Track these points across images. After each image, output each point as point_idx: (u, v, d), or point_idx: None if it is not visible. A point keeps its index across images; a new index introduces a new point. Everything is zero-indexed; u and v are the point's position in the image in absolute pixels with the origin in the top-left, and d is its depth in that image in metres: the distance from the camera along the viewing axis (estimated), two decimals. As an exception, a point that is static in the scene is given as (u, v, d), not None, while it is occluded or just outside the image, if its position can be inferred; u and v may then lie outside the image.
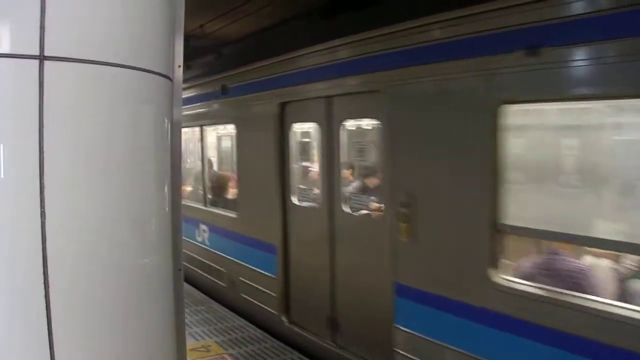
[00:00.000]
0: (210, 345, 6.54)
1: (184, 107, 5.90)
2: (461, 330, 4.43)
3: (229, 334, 6.91)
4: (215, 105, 8.63)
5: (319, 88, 6.05)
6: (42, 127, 1.68)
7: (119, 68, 1.83)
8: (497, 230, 4.11)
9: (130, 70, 1.87)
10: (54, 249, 1.72)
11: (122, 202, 1.90)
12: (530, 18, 3.84)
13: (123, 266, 1.93)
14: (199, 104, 9.03)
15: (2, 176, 1.70)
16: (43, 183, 1.69)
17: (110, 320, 1.90)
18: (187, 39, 9.87)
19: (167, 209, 2.15)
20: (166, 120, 2.11)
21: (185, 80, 5.99)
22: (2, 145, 1.69)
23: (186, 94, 8.03)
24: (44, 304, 1.72)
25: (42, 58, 1.67)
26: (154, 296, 2.10)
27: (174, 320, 2.28)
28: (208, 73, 9.02)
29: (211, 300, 8.35)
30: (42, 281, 1.71)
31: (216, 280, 8.59)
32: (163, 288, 2.16)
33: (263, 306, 7.17)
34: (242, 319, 7.47)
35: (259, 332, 6.97)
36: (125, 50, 1.88)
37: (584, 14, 3.61)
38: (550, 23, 3.75)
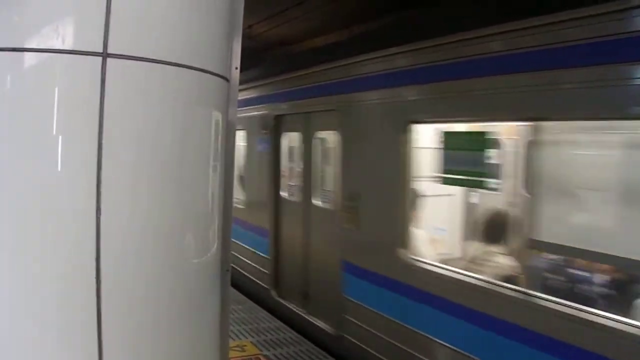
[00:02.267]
0: (245, 345, 6.55)
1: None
2: None
3: (265, 335, 6.92)
4: None
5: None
6: (102, 123, 1.69)
7: (178, 67, 1.84)
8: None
9: (189, 70, 1.88)
10: (108, 244, 1.73)
11: (175, 201, 1.91)
12: None
13: (174, 265, 1.93)
14: None
15: (59, 169, 1.72)
16: (100, 179, 1.70)
17: (159, 318, 1.90)
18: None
19: (218, 209, 2.14)
20: (222, 121, 2.10)
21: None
22: (61, 138, 1.71)
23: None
24: (95, 299, 1.73)
25: (105, 55, 1.69)
26: (202, 296, 2.10)
27: (220, 320, 2.28)
28: None
29: (249, 300, 8.38)
30: (95, 276, 1.72)
31: None
32: (211, 288, 2.16)
33: None
34: (278, 321, 7.47)
35: (294, 335, 6.96)
36: (185, 50, 1.88)
37: None
38: None
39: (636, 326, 3.42)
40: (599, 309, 3.72)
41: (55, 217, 1.71)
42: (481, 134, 4.82)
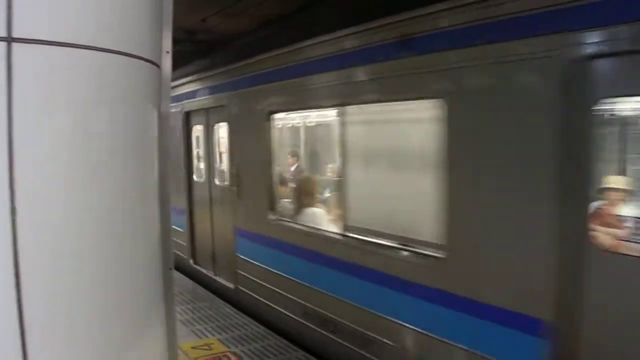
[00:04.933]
0: (212, 343, 6.42)
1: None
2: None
3: (232, 331, 6.80)
4: None
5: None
6: (11, 115, 1.52)
7: (97, 52, 1.67)
8: None
9: (110, 54, 1.71)
10: (27, 249, 1.57)
11: (103, 198, 1.75)
12: None
13: (106, 266, 1.78)
14: None
15: None
16: (13, 176, 1.54)
17: (90, 323, 1.75)
18: (191, 33, 9.74)
19: (154, 205, 2.00)
20: (153, 110, 1.95)
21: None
22: None
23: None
24: (17, 309, 1.57)
25: (9, 40, 1.51)
26: (142, 295, 1.96)
27: (165, 321, 2.14)
28: None
29: (215, 297, 8.25)
30: (14, 283, 1.56)
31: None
32: (152, 287, 2.02)
33: None
34: (245, 316, 7.36)
35: (262, 329, 6.85)
36: (105, 32, 1.71)
37: None
38: None
39: None
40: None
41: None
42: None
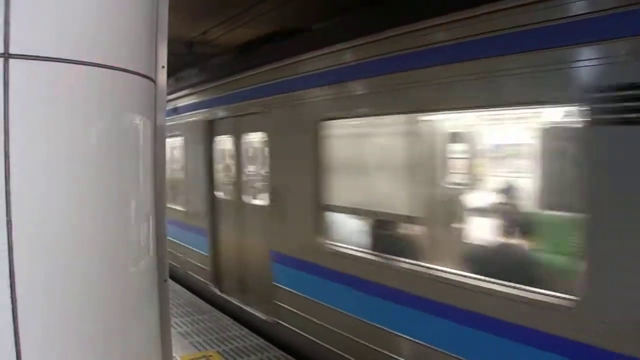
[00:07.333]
0: (211, 355, 6.43)
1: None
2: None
3: (231, 344, 6.80)
4: None
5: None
6: (8, 129, 1.54)
7: (94, 67, 1.70)
8: None
9: (106, 70, 1.74)
10: (23, 261, 1.59)
11: (99, 212, 1.77)
12: None
13: (101, 279, 1.79)
14: None
15: None
16: (9, 189, 1.56)
17: (86, 338, 1.76)
18: (190, 45, 9.79)
19: (149, 218, 2.01)
20: (148, 124, 1.97)
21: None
22: None
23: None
24: (12, 321, 1.59)
25: (7, 56, 1.54)
26: (136, 308, 1.97)
27: (159, 335, 2.16)
28: None
29: (214, 310, 8.24)
30: (9, 295, 1.58)
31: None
32: (147, 299, 2.04)
33: None
34: (244, 328, 7.35)
35: (261, 341, 6.84)
36: (102, 49, 1.74)
37: None
38: None
39: None
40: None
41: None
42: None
